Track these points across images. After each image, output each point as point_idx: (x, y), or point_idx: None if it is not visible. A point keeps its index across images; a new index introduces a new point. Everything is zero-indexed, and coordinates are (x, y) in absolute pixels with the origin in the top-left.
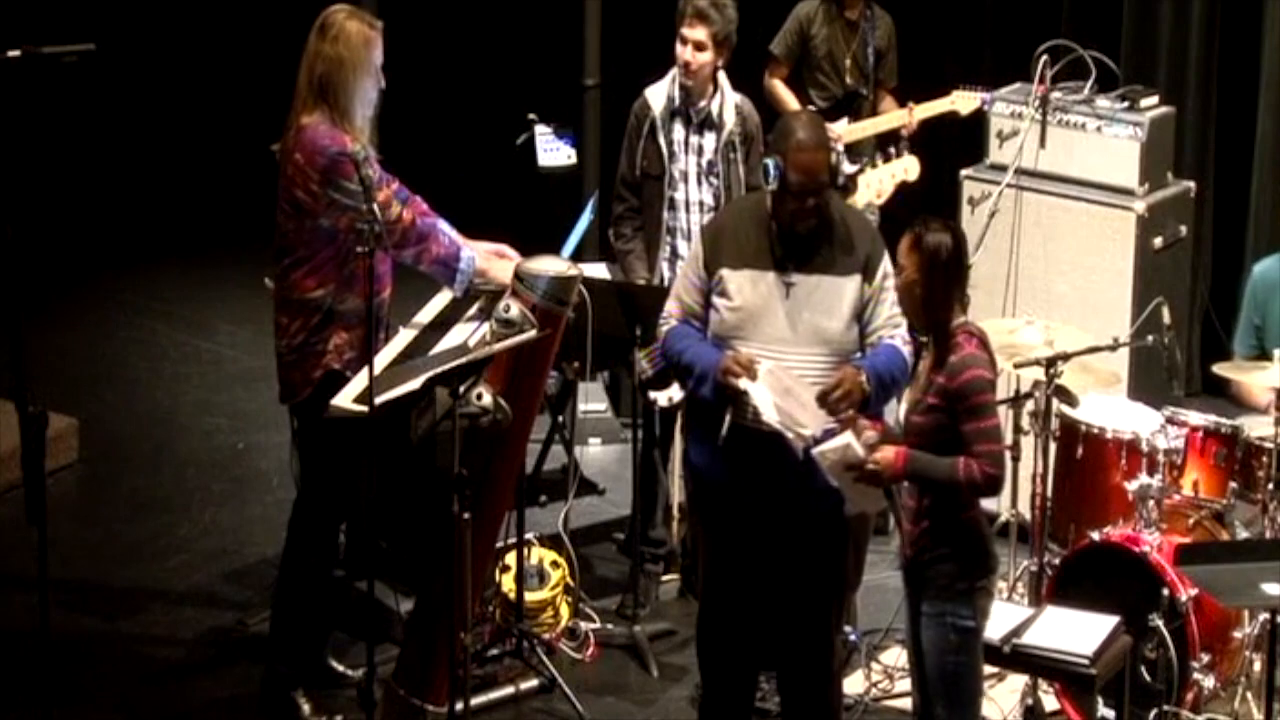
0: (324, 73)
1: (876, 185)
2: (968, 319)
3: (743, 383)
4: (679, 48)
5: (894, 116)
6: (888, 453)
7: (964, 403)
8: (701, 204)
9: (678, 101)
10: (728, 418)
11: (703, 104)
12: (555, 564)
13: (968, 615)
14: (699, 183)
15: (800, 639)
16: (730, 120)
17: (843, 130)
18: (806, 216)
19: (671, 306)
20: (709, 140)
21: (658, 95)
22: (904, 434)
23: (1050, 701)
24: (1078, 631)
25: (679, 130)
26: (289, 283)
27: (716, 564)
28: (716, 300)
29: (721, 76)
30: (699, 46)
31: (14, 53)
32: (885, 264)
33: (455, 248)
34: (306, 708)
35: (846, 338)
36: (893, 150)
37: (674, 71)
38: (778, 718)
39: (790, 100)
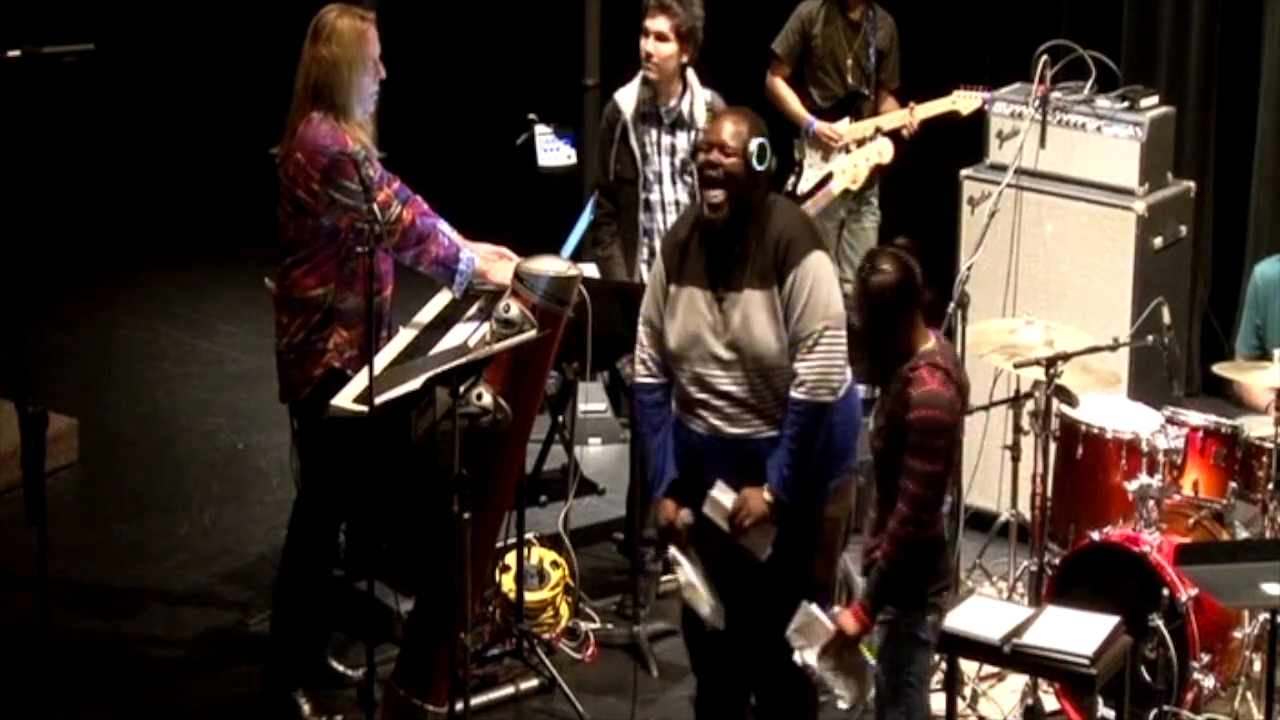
0: (319, 76)
1: (851, 171)
2: (935, 347)
3: (673, 551)
4: (642, 40)
5: (895, 116)
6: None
7: (912, 437)
8: (677, 204)
9: (648, 103)
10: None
11: (673, 104)
12: (555, 564)
13: (918, 628)
14: (673, 183)
15: (766, 641)
16: (701, 118)
17: (845, 130)
18: (710, 178)
19: (643, 333)
20: (681, 140)
21: (627, 98)
22: (872, 454)
23: (1050, 701)
24: (1078, 631)
25: (651, 132)
26: (289, 281)
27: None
28: (665, 319)
29: (690, 75)
30: (660, 38)
31: (14, 53)
32: (801, 268)
33: (455, 249)
34: (306, 708)
35: (779, 350)
36: (846, 120)
37: (641, 73)
38: None
39: (792, 100)
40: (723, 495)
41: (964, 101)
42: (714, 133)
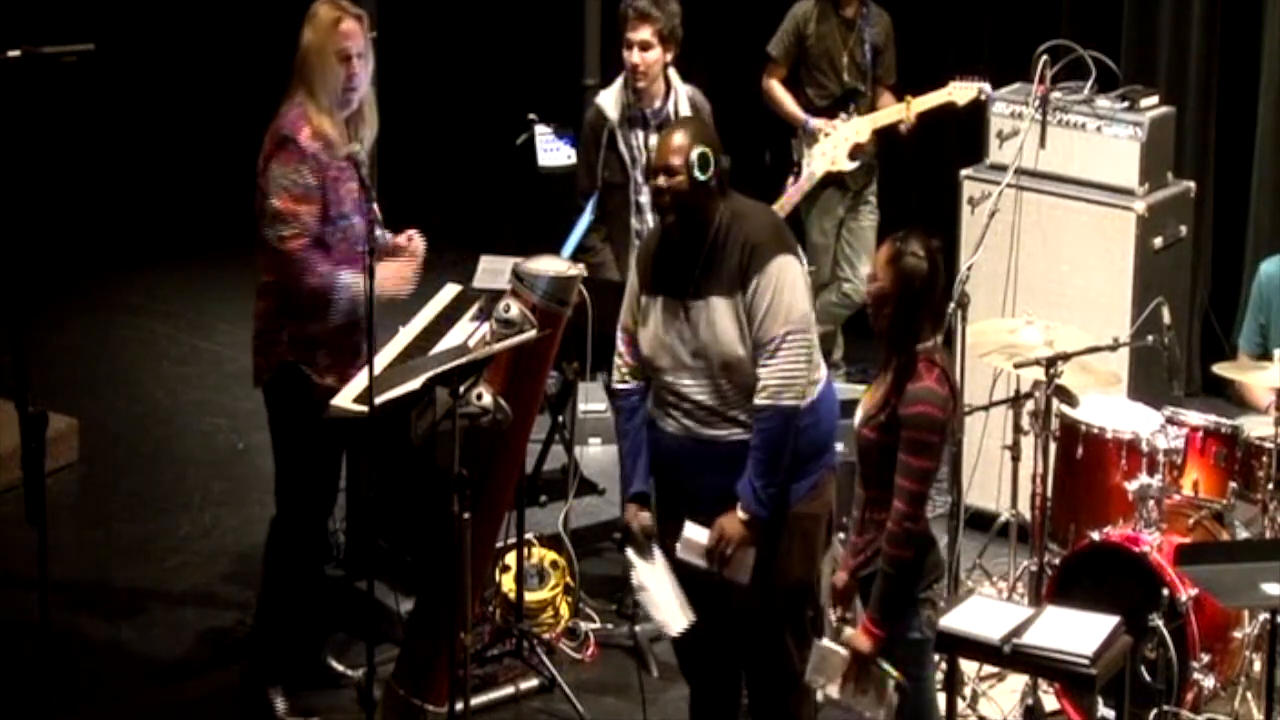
0: (297, 57)
1: (831, 153)
2: (936, 343)
3: (629, 553)
4: (625, 53)
5: (892, 111)
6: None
7: (906, 433)
8: None
9: (633, 106)
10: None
11: (658, 105)
12: (555, 564)
13: (913, 627)
14: None
15: (751, 639)
16: (686, 115)
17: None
18: (661, 202)
19: (621, 339)
20: None
21: (611, 103)
22: (857, 447)
23: (1050, 701)
24: (1078, 631)
25: (637, 134)
26: (259, 266)
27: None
28: (639, 327)
29: (672, 73)
30: (645, 46)
31: (14, 53)
32: (764, 274)
33: (332, 279)
34: (281, 707)
35: (745, 356)
36: (842, 116)
37: (623, 76)
38: None
39: (788, 101)
40: (696, 534)
41: (960, 92)
42: (659, 155)
